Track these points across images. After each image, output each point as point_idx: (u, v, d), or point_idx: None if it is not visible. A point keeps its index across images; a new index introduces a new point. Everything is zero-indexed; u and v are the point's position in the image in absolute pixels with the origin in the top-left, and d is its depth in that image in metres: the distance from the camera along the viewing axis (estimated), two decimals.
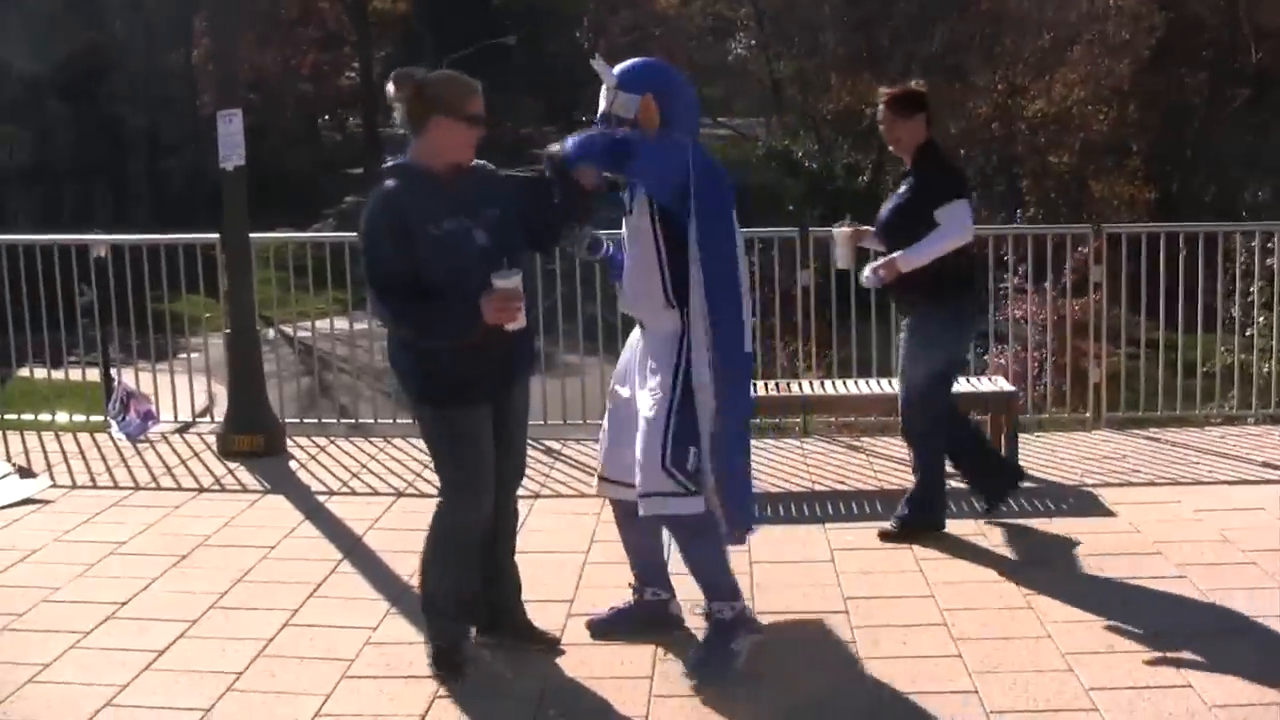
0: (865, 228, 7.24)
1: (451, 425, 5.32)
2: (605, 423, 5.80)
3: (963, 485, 7.53)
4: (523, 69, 58.76)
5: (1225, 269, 9.79)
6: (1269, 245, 10.51)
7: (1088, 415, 9.90)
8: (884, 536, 7.10)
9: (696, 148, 5.33)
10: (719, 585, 5.56)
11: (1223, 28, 39.11)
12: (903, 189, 7.03)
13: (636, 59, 5.60)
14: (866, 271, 6.91)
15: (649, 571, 5.90)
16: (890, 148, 7.19)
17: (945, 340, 7.02)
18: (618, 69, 5.45)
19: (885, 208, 7.14)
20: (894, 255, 6.79)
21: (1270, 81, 38.87)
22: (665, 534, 5.69)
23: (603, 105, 5.44)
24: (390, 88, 5.22)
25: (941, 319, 6.96)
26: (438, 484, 5.47)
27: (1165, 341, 10.74)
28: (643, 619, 5.88)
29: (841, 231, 7.03)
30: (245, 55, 46.17)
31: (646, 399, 5.40)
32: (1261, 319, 11.12)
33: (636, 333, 5.69)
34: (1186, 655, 5.49)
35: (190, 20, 47.21)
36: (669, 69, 5.64)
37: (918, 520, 7.10)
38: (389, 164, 5.36)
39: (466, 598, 5.55)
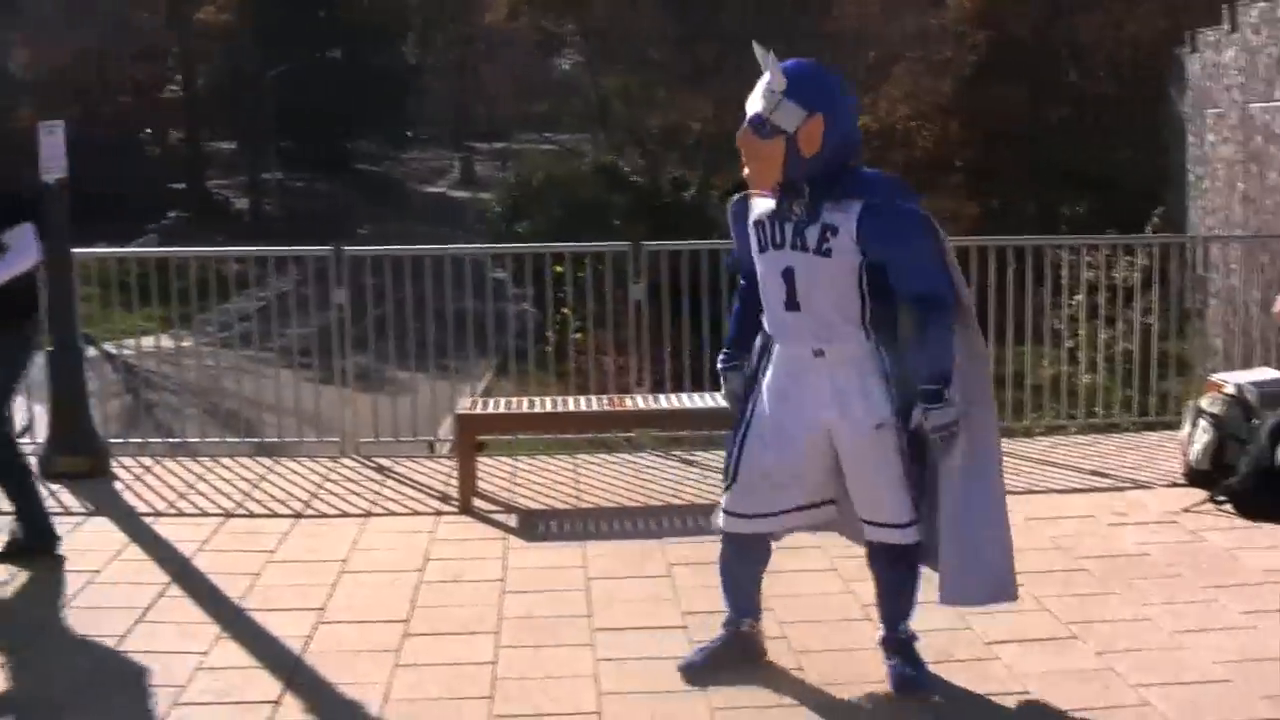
0: None
1: None
2: (748, 458, 5.26)
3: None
4: (348, 83, 58.39)
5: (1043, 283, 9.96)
6: (1088, 259, 10.69)
7: None
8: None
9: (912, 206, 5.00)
10: (912, 606, 5.44)
11: (1042, 48, 39.98)
12: None
13: (806, 62, 4.98)
14: None
15: (749, 603, 5.64)
16: None
17: (6, 361, 6.95)
18: (787, 68, 4.85)
19: None
20: None
21: (1087, 99, 39.86)
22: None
23: (759, 106, 4.86)
24: None
25: (4, 341, 6.88)
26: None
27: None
28: (738, 652, 5.59)
29: None
30: (65, 65, 45.71)
31: (874, 431, 5.06)
32: (1081, 332, 11.32)
33: (783, 357, 5.18)
34: (1023, 662, 5.56)
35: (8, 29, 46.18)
36: (838, 85, 4.96)
37: (36, 545, 6.99)
38: None
39: None
